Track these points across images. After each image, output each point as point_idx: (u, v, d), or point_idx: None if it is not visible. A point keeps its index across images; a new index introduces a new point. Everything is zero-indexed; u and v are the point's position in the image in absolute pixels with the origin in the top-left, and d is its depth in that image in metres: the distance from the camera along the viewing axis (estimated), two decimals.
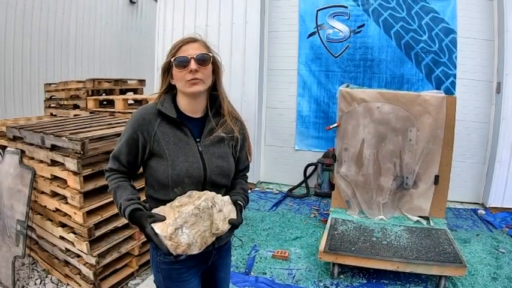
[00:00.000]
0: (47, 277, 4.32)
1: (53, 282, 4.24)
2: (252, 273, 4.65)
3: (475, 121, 7.08)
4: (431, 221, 5.33)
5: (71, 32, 10.63)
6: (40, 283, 4.23)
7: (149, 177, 2.30)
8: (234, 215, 2.16)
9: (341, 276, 4.60)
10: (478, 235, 5.82)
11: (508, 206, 6.75)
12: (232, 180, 2.40)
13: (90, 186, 3.79)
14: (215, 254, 2.35)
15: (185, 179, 2.16)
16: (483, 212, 6.77)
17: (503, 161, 6.66)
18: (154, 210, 2.13)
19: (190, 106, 2.26)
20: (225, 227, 2.10)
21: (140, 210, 2.12)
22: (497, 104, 6.83)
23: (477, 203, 7.17)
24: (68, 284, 4.18)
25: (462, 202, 7.22)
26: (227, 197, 2.19)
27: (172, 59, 2.21)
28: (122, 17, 12.08)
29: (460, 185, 7.04)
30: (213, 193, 2.14)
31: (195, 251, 2.04)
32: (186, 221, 2.00)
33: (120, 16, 11.99)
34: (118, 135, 4.15)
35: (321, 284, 4.46)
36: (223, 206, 2.12)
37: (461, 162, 7.01)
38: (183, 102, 2.26)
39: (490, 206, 6.83)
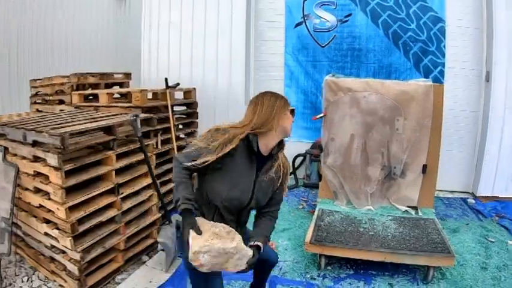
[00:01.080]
0: (34, 274, 4.27)
1: (40, 279, 4.19)
2: None
3: (464, 110, 7.06)
4: (419, 211, 5.31)
5: (59, 27, 10.53)
6: (27, 280, 4.17)
7: (205, 184, 2.73)
8: (245, 260, 2.55)
9: (328, 267, 4.57)
10: (467, 224, 5.81)
11: (497, 194, 6.74)
12: (263, 213, 2.93)
13: (72, 181, 3.73)
14: None
15: (234, 201, 2.67)
16: (473, 201, 6.77)
17: (492, 149, 6.64)
18: (199, 220, 2.59)
19: (267, 147, 2.76)
20: (234, 269, 2.56)
21: (190, 211, 2.54)
22: (486, 92, 6.81)
23: (467, 192, 7.16)
24: (54, 281, 4.12)
25: (452, 191, 7.20)
26: (251, 252, 2.57)
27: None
28: (110, 10, 11.96)
29: (449, 174, 7.02)
30: (243, 246, 2.54)
31: (204, 270, 2.49)
32: (210, 251, 2.44)
33: (108, 10, 11.88)
34: (100, 129, 4.12)
35: (308, 276, 4.43)
36: (243, 257, 2.53)
37: (450, 151, 7.00)
38: (264, 142, 2.74)
39: (480, 195, 6.82)
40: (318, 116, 5.69)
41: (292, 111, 2.90)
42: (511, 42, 6.47)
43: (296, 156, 7.45)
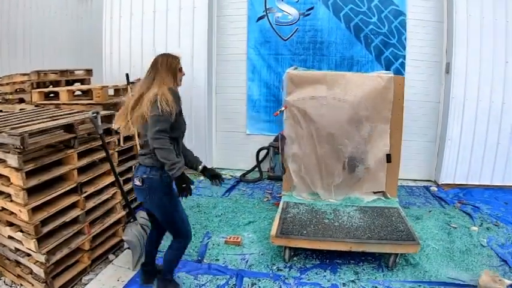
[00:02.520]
0: (0, 279, 4.19)
1: (6, 284, 4.07)
2: (204, 260, 4.60)
3: (425, 101, 7.19)
4: (388, 195, 5.41)
5: (18, 22, 10.27)
6: None
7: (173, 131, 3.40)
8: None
9: (294, 258, 4.58)
10: (430, 211, 5.92)
11: (459, 182, 6.92)
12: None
13: (34, 181, 3.65)
14: None
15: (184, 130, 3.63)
16: (435, 188, 6.91)
17: (453, 138, 6.79)
18: None
19: None
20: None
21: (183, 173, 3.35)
22: (446, 83, 6.96)
23: (429, 181, 7.31)
24: (21, 285, 4.03)
25: (415, 180, 7.35)
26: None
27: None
28: (72, 5, 11.73)
29: (412, 163, 7.18)
30: None
31: None
32: None
33: (69, 4, 11.65)
34: (61, 127, 4.06)
35: (274, 268, 4.44)
36: None
37: (413, 141, 7.13)
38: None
39: (442, 182, 6.98)
40: (279, 111, 5.70)
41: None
42: (471, 34, 6.61)
43: (260, 150, 7.49)
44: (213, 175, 3.90)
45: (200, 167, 3.87)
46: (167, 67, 3.47)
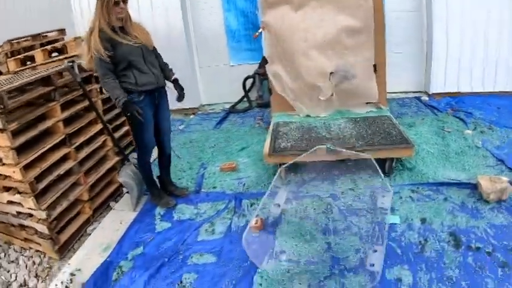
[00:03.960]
0: (9, 248, 4.12)
1: (16, 251, 4.06)
2: (202, 190, 4.61)
3: (407, 10, 6.96)
4: (381, 107, 5.34)
5: None
6: (4, 256, 4.02)
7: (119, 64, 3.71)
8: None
9: (291, 174, 4.58)
10: (423, 119, 5.90)
11: (450, 90, 6.81)
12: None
13: (21, 139, 3.60)
14: (157, 97, 4.00)
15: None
16: (426, 98, 6.85)
17: (440, 45, 6.62)
18: None
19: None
20: None
21: (129, 101, 3.69)
22: None
23: (420, 92, 7.21)
24: (30, 248, 4.03)
25: (406, 92, 7.25)
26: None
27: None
28: None
29: (401, 75, 7.03)
30: None
31: None
32: None
33: None
34: (40, 82, 4.01)
35: (272, 186, 4.43)
36: None
37: (399, 53, 6.98)
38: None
39: (433, 92, 6.89)
40: (257, 33, 5.57)
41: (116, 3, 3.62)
42: None
43: (245, 79, 7.33)
44: (181, 89, 4.29)
45: (172, 78, 4.25)
46: (101, 2, 3.58)
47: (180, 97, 4.28)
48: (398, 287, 2.94)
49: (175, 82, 4.25)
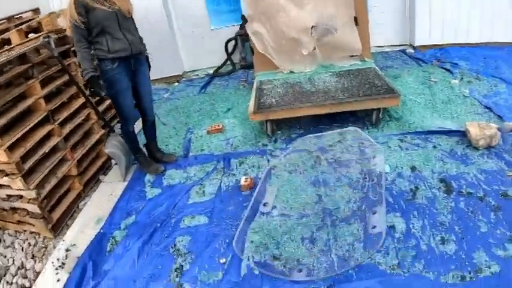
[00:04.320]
0: (4, 233, 4.05)
1: (10, 235, 3.99)
2: (190, 154, 4.57)
3: None
4: (366, 59, 5.29)
5: None
6: (0, 242, 3.98)
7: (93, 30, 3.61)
8: None
9: (278, 132, 4.56)
10: (408, 71, 5.85)
11: (435, 42, 6.74)
12: None
13: (2, 121, 3.50)
14: (134, 64, 3.86)
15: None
16: (412, 50, 6.79)
17: None
18: None
19: None
20: None
21: (95, 77, 3.61)
22: None
23: (405, 44, 7.14)
24: (24, 231, 3.97)
25: (390, 45, 7.18)
26: None
27: None
28: None
29: (385, 30, 6.97)
30: None
31: None
32: None
33: None
34: (16, 61, 3.90)
35: (259, 144, 4.43)
36: None
37: (382, 9, 6.90)
38: None
39: (418, 44, 6.82)
40: None
41: None
42: None
43: (227, 42, 7.24)
44: (149, 67, 4.19)
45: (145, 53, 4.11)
46: None
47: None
48: (392, 234, 2.94)
49: (146, 60, 4.14)
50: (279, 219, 3.23)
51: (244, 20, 5.49)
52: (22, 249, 3.77)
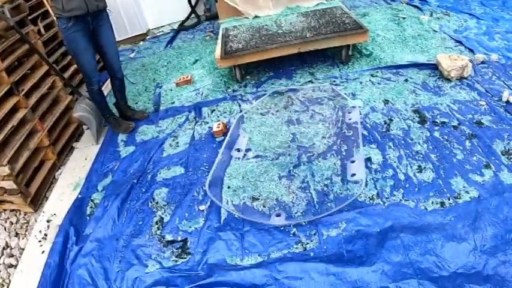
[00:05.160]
0: None
1: None
2: (161, 108, 4.48)
3: None
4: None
5: None
6: None
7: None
8: None
9: (247, 77, 4.49)
10: (376, 9, 5.78)
11: None
12: None
13: None
14: (92, 22, 3.67)
15: None
16: None
17: None
18: None
19: None
20: None
21: None
22: None
23: None
24: (4, 210, 3.85)
25: None
26: None
27: None
28: None
29: None
30: None
31: None
32: None
33: None
34: None
35: (229, 90, 4.37)
36: None
37: None
38: None
39: None
40: None
41: None
42: None
43: None
44: None
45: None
46: None
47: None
48: (369, 165, 2.94)
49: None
50: (255, 160, 3.21)
51: None
52: (5, 229, 3.69)
